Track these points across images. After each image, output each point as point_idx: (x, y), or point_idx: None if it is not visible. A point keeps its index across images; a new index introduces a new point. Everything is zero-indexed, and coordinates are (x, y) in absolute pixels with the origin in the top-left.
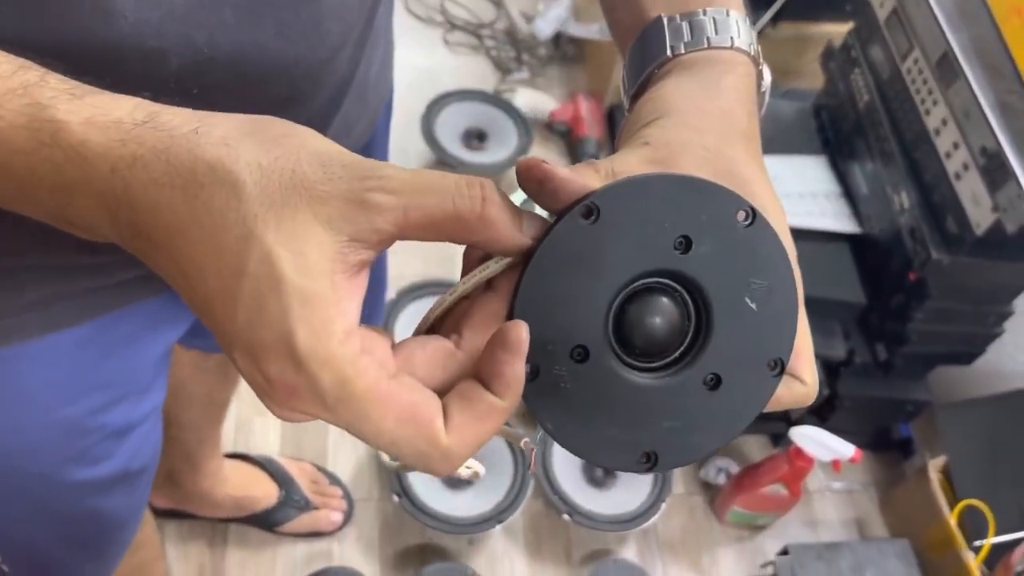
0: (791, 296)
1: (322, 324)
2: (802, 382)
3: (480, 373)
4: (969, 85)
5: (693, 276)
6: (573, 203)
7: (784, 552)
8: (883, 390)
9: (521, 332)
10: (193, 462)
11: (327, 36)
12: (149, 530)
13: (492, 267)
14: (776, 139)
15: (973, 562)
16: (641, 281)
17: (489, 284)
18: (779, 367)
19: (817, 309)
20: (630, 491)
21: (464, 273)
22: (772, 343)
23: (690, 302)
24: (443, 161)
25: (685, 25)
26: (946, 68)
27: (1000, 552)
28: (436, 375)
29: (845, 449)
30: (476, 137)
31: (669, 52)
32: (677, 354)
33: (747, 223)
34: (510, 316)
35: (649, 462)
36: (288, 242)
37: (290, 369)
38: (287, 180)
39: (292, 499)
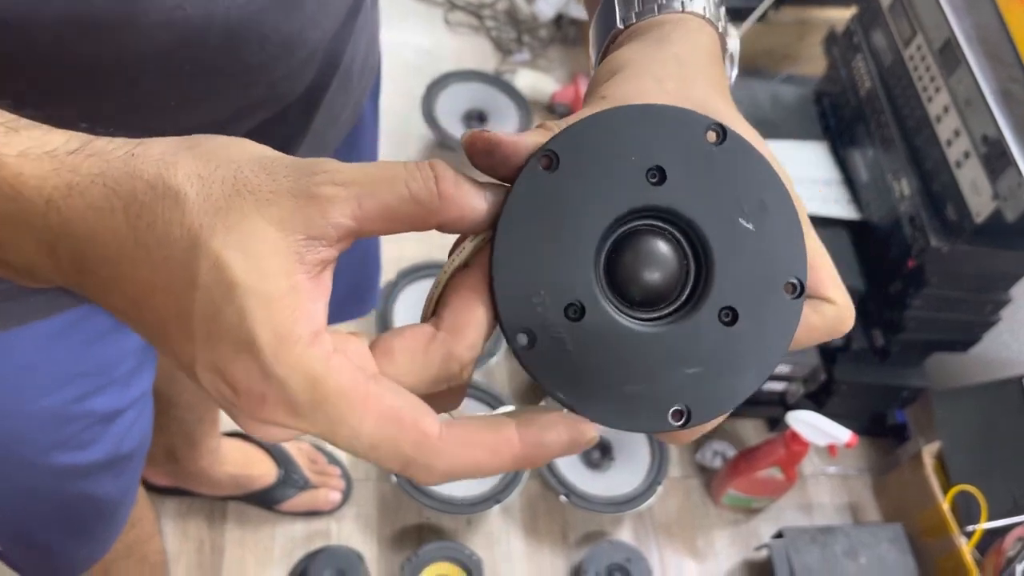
0: (789, 208)
1: (285, 326)
2: (831, 302)
3: (524, 415)
4: (971, 72)
5: (676, 208)
6: (528, 158)
7: (779, 535)
8: (879, 376)
9: (589, 433)
10: (192, 441)
11: (307, 42)
12: (143, 508)
13: (468, 247)
14: (777, 124)
15: (965, 547)
16: (625, 227)
17: (466, 262)
18: (799, 288)
19: None
20: (626, 473)
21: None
22: (783, 263)
23: (682, 238)
24: (444, 143)
25: None
26: (948, 55)
27: (992, 537)
28: (418, 360)
29: (841, 434)
30: (477, 118)
31: (620, 24)
32: (684, 298)
33: (719, 142)
34: (491, 285)
35: (682, 418)
36: (238, 245)
37: (256, 376)
38: (230, 187)
39: (291, 478)
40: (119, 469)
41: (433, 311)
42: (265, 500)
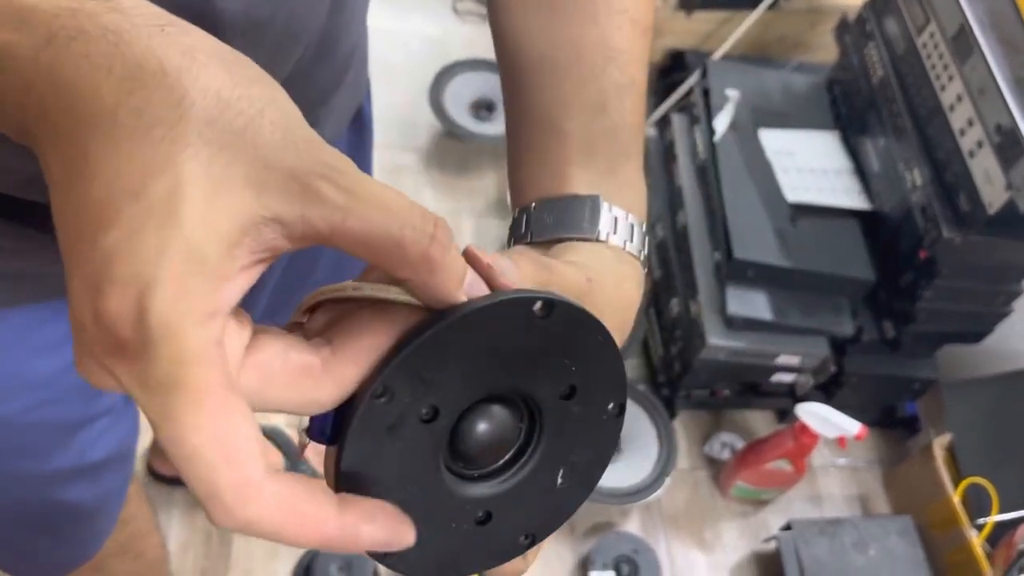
0: (585, 496)
1: (192, 292)
2: (524, 560)
3: (347, 498)
4: (985, 60)
5: (551, 424)
6: (529, 292)
7: (787, 527)
8: (890, 368)
9: (407, 537)
10: None
11: (299, 33)
12: (138, 506)
13: (409, 298)
14: (788, 113)
15: (976, 539)
16: (513, 400)
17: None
18: (530, 542)
19: (826, 286)
20: (634, 465)
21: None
22: (543, 519)
23: (522, 443)
24: (451, 132)
25: (611, 218)
26: (962, 42)
27: (1003, 530)
28: (292, 390)
29: (851, 426)
30: (485, 107)
31: (597, 237)
32: (477, 472)
33: (614, 414)
34: (398, 349)
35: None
36: (207, 186)
37: (129, 319)
38: (240, 126)
39: (298, 469)
40: (92, 477)
41: (309, 309)
42: None
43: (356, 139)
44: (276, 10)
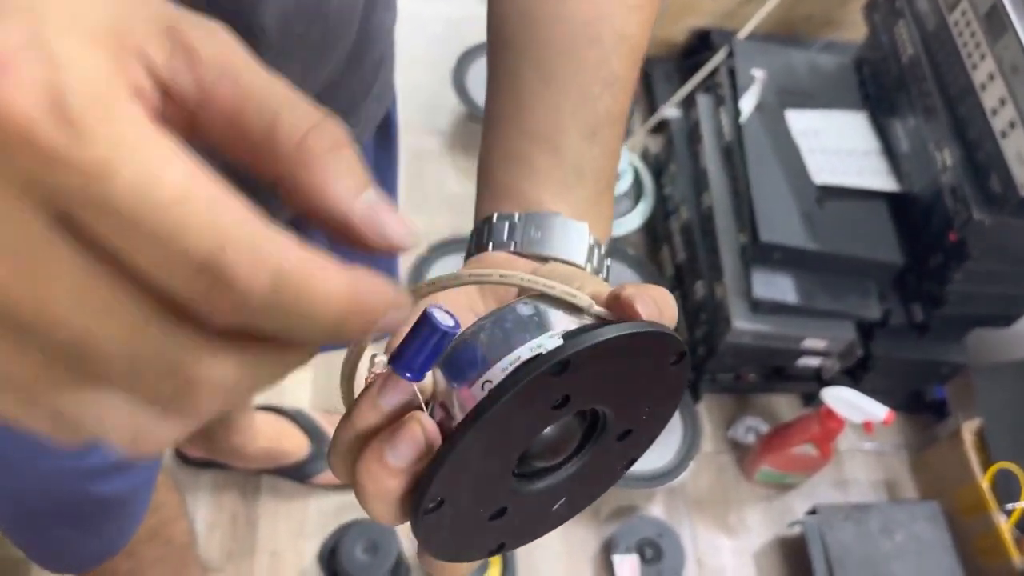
0: (581, 509)
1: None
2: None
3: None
4: (1018, 38)
5: (600, 446)
6: (637, 321)
7: (813, 512)
8: (918, 352)
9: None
10: (224, 420)
11: (348, 18)
12: (167, 493)
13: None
14: (815, 93)
15: (1005, 525)
16: (582, 415)
17: None
18: (562, 519)
19: (853, 268)
20: (659, 448)
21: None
22: (536, 527)
23: (578, 444)
24: (474, 115)
25: (589, 246)
26: (995, 20)
27: None
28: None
29: (877, 411)
30: None
31: (579, 263)
32: (519, 470)
33: (646, 445)
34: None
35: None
36: None
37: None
38: None
39: (322, 451)
40: (125, 471)
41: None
42: (298, 474)
43: (382, 146)
44: (311, 26)
